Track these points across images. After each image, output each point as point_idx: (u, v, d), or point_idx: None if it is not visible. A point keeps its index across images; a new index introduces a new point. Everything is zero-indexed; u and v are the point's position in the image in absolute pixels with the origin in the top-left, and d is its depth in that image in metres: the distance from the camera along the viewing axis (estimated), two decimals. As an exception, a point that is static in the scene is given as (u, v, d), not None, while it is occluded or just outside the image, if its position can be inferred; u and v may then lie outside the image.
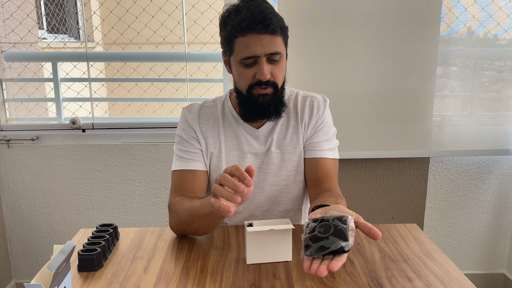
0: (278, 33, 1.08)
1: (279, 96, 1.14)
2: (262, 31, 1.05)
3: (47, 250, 2.23)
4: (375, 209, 2.21)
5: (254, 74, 1.10)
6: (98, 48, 4.46)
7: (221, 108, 1.24)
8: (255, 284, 0.92)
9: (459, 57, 2.02)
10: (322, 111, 1.24)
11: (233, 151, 1.21)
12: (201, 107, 1.24)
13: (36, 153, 2.12)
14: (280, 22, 1.09)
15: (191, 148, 1.20)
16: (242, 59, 1.09)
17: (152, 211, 2.19)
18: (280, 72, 1.12)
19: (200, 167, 1.20)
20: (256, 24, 1.04)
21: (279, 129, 1.22)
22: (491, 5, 1.96)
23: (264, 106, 1.13)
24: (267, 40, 1.06)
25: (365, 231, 0.83)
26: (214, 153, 1.21)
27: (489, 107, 2.16)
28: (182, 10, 2.15)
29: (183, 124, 1.23)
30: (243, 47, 1.07)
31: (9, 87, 2.21)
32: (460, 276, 0.95)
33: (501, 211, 2.26)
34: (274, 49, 1.08)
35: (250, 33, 1.06)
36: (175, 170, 1.20)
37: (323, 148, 1.22)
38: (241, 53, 1.08)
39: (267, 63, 1.09)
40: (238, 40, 1.08)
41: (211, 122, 1.22)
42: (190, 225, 1.08)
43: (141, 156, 2.13)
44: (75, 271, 0.98)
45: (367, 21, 1.91)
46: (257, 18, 1.04)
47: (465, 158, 2.18)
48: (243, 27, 1.05)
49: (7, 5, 2.22)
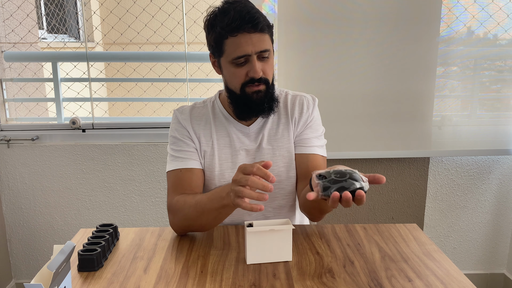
0: (266, 31, 1.12)
1: (271, 91, 1.18)
2: (252, 30, 1.09)
3: (47, 250, 2.23)
4: (375, 209, 2.21)
5: (247, 72, 1.13)
6: (98, 48, 4.46)
7: (212, 109, 1.27)
8: (255, 284, 0.92)
9: (459, 57, 2.02)
10: (312, 110, 1.27)
11: (225, 148, 1.23)
12: (192, 108, 1.27)
13: (36, 153, 2.12)
14: (266, 20, 1.14)
15: (186, 147, 1.22)
16: (233, 58, 1.11)
17: (152, 211, 2.19)
18: (270, 69, 1.16)
19: (196, 165, 1.22)
20: (245, 23, 1.08)
21: (270, 126, 1.25)
22: (491, 5, 1.96)
23: (258, 102, 1.16)
24: (257, 39, 1.10)
25: (369, 179, 0.89)
26: (207, 151, 1.23)
27: (489, 107, 2.16)
28: (182, 10, 2.15)
29: (175, 125, 1.25)
30: (233, 47, 1.10)
31: (9, 87, 2.21)
32: (460, 276, 0.95)
33: (501, 211, 2.26)
34: (264, 47, 1.11)
35: (240, 33, 1.09)
36: (172, 170, 1.21)
37: (313, 145, 1.25)
38: (232, 53, 1.11)
39: (258, 61, 1.12)
40: (228, 40, 1.11)
41: (203, 122, 1.25)
42: (197, 221, 1.10)
43: (141, 156, 2.13)
44: (75, 271, 0.98)
45: (367, 21, 1.91)
46: (246, 18, 1.08)
47: (465, 158, 2.18)
48: (233, 28, 1.08)
49: (7, 5, 2.22)
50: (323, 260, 1.02)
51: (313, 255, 1.05)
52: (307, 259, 1.03)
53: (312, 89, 1.96)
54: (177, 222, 1.14)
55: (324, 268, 0.98)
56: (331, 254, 1.05)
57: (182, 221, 1.13)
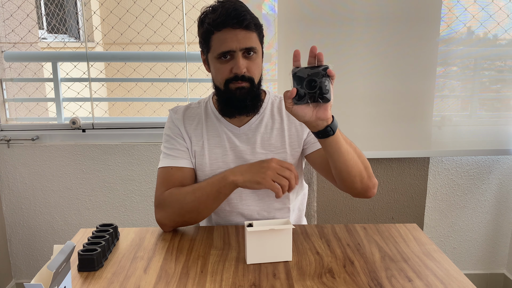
0: (253, 29, 1.13)
1: (255, 91, 1.18)
2: (237, 26, 1.10)
3: (47, 250, 2.23)
4: (375, 209, 2.21)
5: (231, 69, 1.14)
6: (98, 48, 4.46)
7: (204, 109, 1.29)
8: (255, 284, 0.92)
9: (459, 57, 2.02)
10: None
11: (216, 148, 1.24)
12: (186, 109, 1.29)
13: (36, 153, 2.12)
14: (255, 19, 1.14)
15: (177, 146, 1.24)
16: (218, 54, 1.13)
17: (152, 211, 2.19)
18: (256, 68, 1.16)
19: (187, 164, 1.23)
20: (230, 19, 1.10)
21: (263, 130, 1.25)
22: (491, 5, 1.96)
23: (240, 99, 1.16)
24: (242, 35, 1.11)
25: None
26: (197, 150, 1.24)
27: (489, 107, 2.16)
28: (182, 10, 2.15)
29: (169, 123, 1.28)
30: (219, 42, 1.12)
31: (9, 87, 2.21)
32: (460, 276, 0.95)
33: (501, 211, 2.26)
34: (249, 44, 1.12)
35: (225, 27, 1.11)
36: (163, 167, 1.23)
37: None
38: (218, 49, 1.13)
39: (243, 58, 1.13)
40: (214, 36, 1.13)
41: (195, 122, 1.27)
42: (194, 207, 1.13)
43: (141, 156, 2.13)
44: (75, 271, 0.98)
45: (367, 21, 1.91)
46: (232, 14, 1.10)
47: (465, 158, 2.18)
48: (218, 23, 1.11)
49: (7, 5, 2.22)
50: (323, 260, 1.02)
51: (313, 255, 1.05)
52: (307, 259, 1.03)
53: (312, 89, 1.96)
54: (169, 215, 1.16)
55: (324, 268, 0.98)
56: (331, 254, 1.05)
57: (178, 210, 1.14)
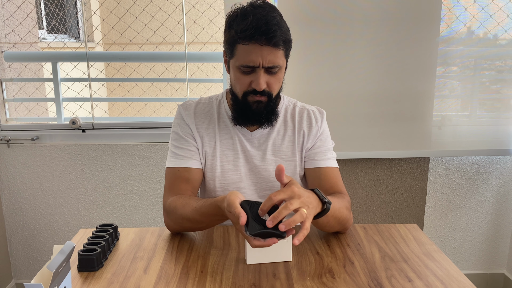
0: (281, 46, 1.07)
1: (272, 105, 1.15)
2: (265, 43, 1.05)
3: (47, 250, 2.23)
4: (375, 209, 2.21)
5: (251, 82, 1.10)
6: (98, 48, 4.46)
7: (217, 107, 1.25)
8: (255, 284, 0.92)
9: (459, 57, 2.02)
10: (321, 122, 1.25)
11: (228, 150, 1.22)
12: (196, 105, 1.25)
13: (36, 153, 2.12)
14: (285, 35, 1.08)
15: (186, 146, 1.21)
16: (240, 65, 1.09)
17: (152, 211, 2.19)
18: (277, 83, 1.13)
19: (195, 165, 1.20)
20: (259, 34, 1.03)
21: (275, 137, 1.23)
22: (491, 5, 1.96)
23: (256, 113, 1.14)
24: (268, 52, 1.06)
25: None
26: (209, 152, 1.22)
27: (489, 107, 2.16)
28: (182, 10, 2.15)
29: (178, 120, 1.24)
30: (243, 54, 1.07)
31: (9, 87, 2.21)
32: (460, 276, 0.95)
33: (501, 211, 2.26)
34: (273, 62, 1.07)
35: (252, 42, 1.05)
36: (170, 167, 1.21)
37: (325, 157, 1.22)
38: (241, 60, 1.08)
39: (265, 74, 1.09)
40: (239, 46, 1.08)
41: (207, 121, 1.23)
42: (199, 224, 1.10)
43: (141, 156, 2.13)
44: (75, 271, 0.98)
45: (367, 21, 1.91)
46: (261, 29, 1.03)
47: (465, 158, 2.18)
48: (246, 36, 1.05)
49: (7, 5, 2.22)
50: (323, 260, 1.02)
51: (313, 255, 1.05)
52: (307, 259, 1.03)
53: (312, 89, 1.96)
54: (172, 223, 1.15)
55: (324, 268, 0.98)
56: (331, 254, 1.05)
57: (183, 222, 1.12)
